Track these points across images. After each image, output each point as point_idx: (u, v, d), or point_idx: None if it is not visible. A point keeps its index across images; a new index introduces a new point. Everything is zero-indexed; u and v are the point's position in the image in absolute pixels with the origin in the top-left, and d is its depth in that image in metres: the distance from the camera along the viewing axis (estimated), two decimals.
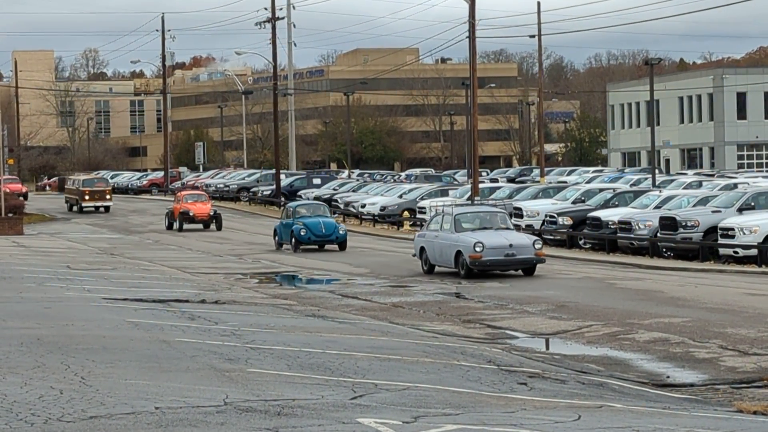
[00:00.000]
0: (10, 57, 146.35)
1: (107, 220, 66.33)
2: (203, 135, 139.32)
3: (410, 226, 57.01)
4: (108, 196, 73.88)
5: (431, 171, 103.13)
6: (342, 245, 44.73)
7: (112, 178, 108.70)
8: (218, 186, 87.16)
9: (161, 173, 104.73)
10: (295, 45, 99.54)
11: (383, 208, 59.66)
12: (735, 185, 49.17)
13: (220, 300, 26.63)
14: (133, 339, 18.52)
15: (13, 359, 15.82)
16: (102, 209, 73.29)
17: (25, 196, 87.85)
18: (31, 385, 13.71)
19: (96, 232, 58.11)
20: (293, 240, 44.14)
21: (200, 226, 57.79)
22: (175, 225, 57.82)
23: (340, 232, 44.89)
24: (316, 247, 44.80)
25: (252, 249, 46.12)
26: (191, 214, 57.19)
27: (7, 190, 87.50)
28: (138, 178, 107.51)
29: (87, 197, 73.22)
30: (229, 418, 12.03)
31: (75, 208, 73.71)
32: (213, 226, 57.55)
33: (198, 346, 17.78)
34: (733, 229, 36.66)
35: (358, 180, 79.30)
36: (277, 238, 45.90)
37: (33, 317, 21.22)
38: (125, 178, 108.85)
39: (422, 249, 35.58)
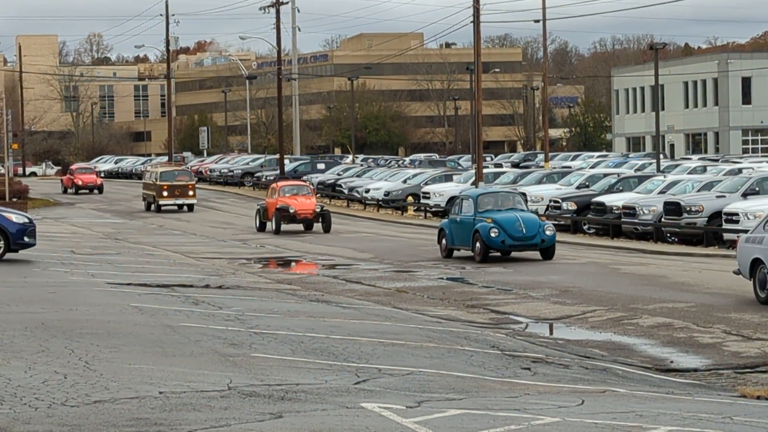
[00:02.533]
0: (14, 41, 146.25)
1: (111, 205, 66.32)
2: (207, 120, 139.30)
3: (414, 211, 57.04)
4: (191, 192, 59.67)
5: (435, 156, 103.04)
6: (548, 252, 33.11)
7: (116, 162, 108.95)
8: (222, 171, 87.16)
9: (165, 158, 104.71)
10: (299, 30, 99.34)
11: (387, 193, 59.66)
12: (739, 170, 49.11)
13: (223, 285, 26.64)
14: (137, 324, 18.54)
15: (17, 343, 15.84)
16: (185, 208, 59.81)
17: (100, 188, 77.82)
18: (35, 369, 13.73)
19: (100, 217, 58.12)
20: (478, 244, 32.81)
21: (301, 226, 46.05)
22: (270, 226, 45.75)
23: (547, 232, 32.88)
24: (499, 254, 33.50)
25: (257, 235, 46.10)
26: (292, 211, 45.04)
27: (80, 182, 77.52)
28: (142, 163, 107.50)
29: (165, 193, 58.99)
30: (233, 402, 12.05)
31: (153, 207, 59.91)
32: (319, 226, 45.79)
33: (202, 331, 17.80)
34: (737, 214, 36.62)
35: (362, 165, 79.27)
36: (444, 241, 34.51)
37: (37, 302, 21.24)
38: (129, 162, 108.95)
39: (756, 263, 22.97)
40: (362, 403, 12.21)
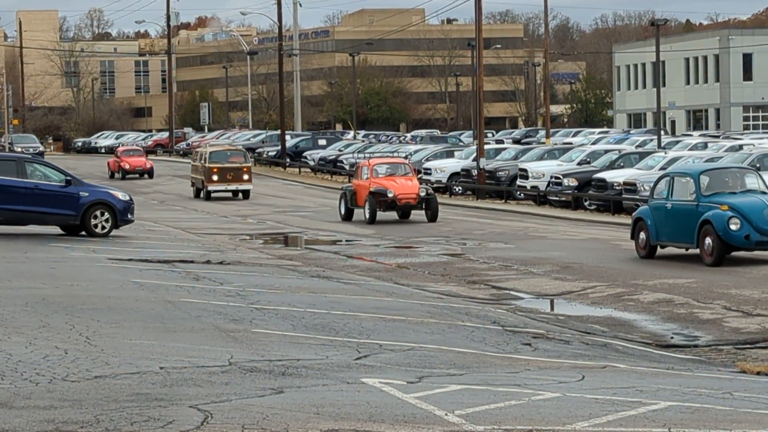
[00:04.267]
0: (14, 17, 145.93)
1: (112, 180, 66.23)
2: (208, 96, 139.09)
3: None
4: (246, 176, 51.05)
5: (437, 132, 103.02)
6: None
7: (117, 138, 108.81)
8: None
9: (166, 134, 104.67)
10: (300, 5, 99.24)
11: None
12: (740, 147, 49.07)
13: (225, 260, 26.65)
14: (138, 299, 18.55)
15: (18, 319, 15.85)
16: (240, 195, 51.65)
17: (150, 173, 66.67)
18: (36, 344, 13.75)
19: None
20: (708, 241, 24.99)
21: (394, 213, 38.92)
22: (363, 213, 38.25)
23: None
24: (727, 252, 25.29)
25: (257, 210, 46.11)
26: (391, 195, 37.52)
27: (127, 166, 66.37)
28: (143, 139, 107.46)
29: (215, 178, 50.30)
30: (233, 378, 12.07)
31: (202, 194, 51.37)
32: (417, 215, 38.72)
33: (203, 307, 17.81)
34: None
35: (363, 141, 79.20)
36: (644, 235, 26.75)
37: (38, 277, 21.26)
38: (130, 138, 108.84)
39: None
40: (363, 378, 12.23)
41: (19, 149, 78.63)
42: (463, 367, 13.42)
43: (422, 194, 37.88)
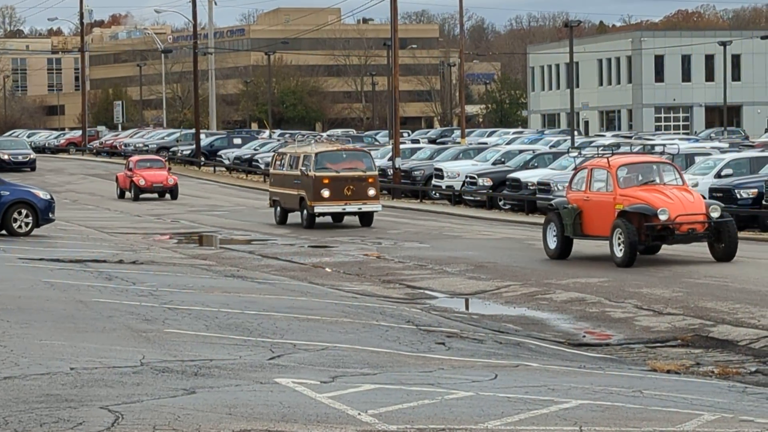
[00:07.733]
0: None
1: (24, 179, 65.29)
2: (122, 94, 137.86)
3: None
4: (372, 191, 35.52)
5: (352, 131, 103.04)
6: None
7: (29, 136, 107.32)
8: (137, 146, 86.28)
9: (79, 132, 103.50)
10: (215, 3, 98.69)
11: None
12: (652, 147, 49.68)
13: (138, 260, 26.41)
14: (49, 299, 18.32)
15: None
16: (357, 218, 36.79)
17: (174, 192, 50.64)
18: None
19: None
20: None
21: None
22: (615, 253, 24.93)
23: None
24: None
25: (171, 209, 45.75)
26: (664, 218, 24.72)
27: (142, 182, 50.17)
28: (55, 137, 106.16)
29: (326, 193, 35.09)
30: (145, 378, 11.96)
31: (303, 221, 36.12)
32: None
33: (115, 307, 17.63)
34: None
35: (279, 140, 78.97)
36: None
37: None
38: (42, 137, 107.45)
39: None
40: (276, 378, 12.19)
41: (6, 156, 68.72)
42: (377, 367, 13.42)
43: (714, 215, 25.01)
